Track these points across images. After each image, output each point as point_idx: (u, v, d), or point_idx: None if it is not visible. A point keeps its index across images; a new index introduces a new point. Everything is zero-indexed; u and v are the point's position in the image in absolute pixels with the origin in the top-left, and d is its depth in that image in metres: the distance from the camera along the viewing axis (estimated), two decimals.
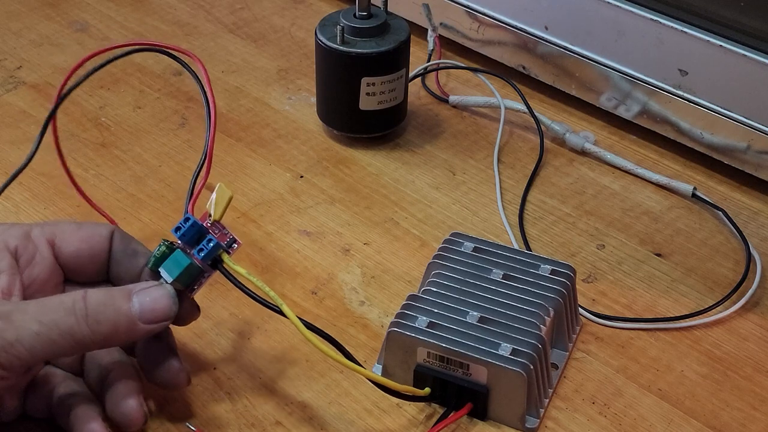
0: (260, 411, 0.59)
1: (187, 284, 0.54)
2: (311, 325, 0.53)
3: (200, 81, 0.57)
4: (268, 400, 0.59)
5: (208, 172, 0.57)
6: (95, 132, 0.80)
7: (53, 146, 0.62)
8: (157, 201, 0.73)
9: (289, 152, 0.78)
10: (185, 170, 0.76)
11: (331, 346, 0.54)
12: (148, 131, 0.80)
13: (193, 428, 0.57)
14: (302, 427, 0.58)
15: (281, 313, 0.52)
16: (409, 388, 0.57)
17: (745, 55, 0.71)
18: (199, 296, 0.65)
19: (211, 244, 0.53)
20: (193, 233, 0.53)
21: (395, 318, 0.58)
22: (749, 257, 0.69)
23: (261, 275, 0.67)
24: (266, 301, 0.53)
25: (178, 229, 0.53)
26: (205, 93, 0.57)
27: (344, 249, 0.70)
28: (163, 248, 0.54)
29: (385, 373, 0.59)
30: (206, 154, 0.57)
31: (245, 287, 0.53)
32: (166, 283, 0.53)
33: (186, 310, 0.55)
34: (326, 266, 0.68)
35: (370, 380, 0.56)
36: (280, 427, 0.58)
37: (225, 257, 0.54)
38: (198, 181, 0.57)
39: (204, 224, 0.54)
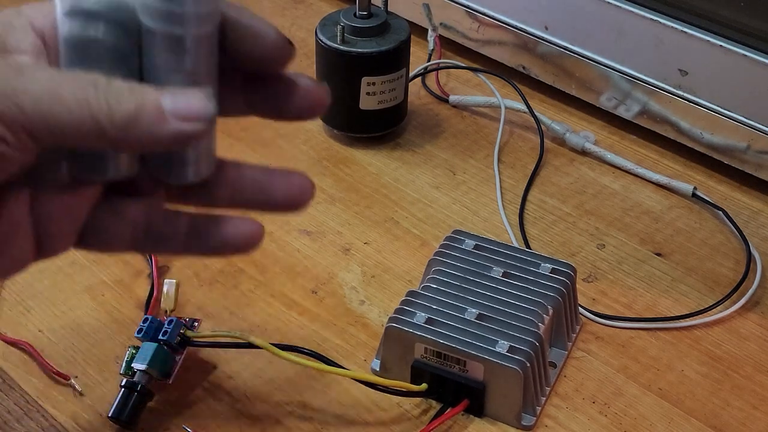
0: (260, 411, 0.59)
1: (162, 370, 0.57)
2: (286, 345, 0.58)
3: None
4: (268, 400, 0.59)
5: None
6: None
7: None
8: None
9: (290, 152, 0.78)
10: None
11: (310, 357, 0.58)
12: None
13: (189, 430, 0.57)
14: (302, 427, 0.58)
15: (253, 345, 0.56)
16: (404, 384, 0.57)
17: (745, 55, 0.71)
18: (199, 295, 0.65)
19: (172, 325, 0.58)
20: (154, 328, 0.58)
21: (393, 313, 0.58)
22: (749, 257, 0.69)
23: (261, 275, 0.67)
24: (237, 342, 0.57)
25: (140, 330, 0.58)
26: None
27: (344, 248, 0.70)
28: (132, 351, 0.58)
29: (382, 369, 0.59)
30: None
31: (218, 343, 0.59)
32: (140, 372, 0.56)
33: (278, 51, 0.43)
34: (326, 265, 0.68)
35: (357, 380, 0.58)
36: (280, 426, 0.58)
37: (190, 333, 0.58)
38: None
39: (161, 319, 0.59)
